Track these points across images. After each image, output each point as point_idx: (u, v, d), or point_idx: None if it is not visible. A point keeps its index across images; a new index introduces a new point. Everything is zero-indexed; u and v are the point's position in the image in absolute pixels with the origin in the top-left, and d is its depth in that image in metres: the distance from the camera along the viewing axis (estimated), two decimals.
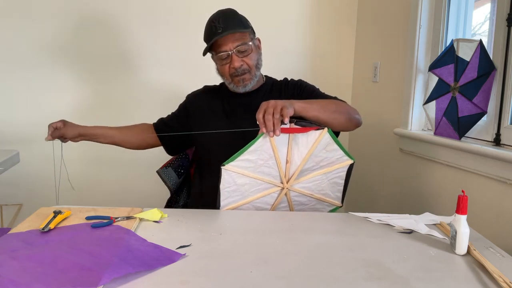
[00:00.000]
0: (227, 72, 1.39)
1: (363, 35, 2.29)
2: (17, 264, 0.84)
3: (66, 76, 2.18)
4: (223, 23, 1.34)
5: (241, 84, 1.40)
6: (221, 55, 1.37)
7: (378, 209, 2.05)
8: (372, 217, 1.23)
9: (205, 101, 1.52)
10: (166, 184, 1.52)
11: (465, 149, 1.45)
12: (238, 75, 1.38)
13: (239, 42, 1.36)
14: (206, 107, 1.51)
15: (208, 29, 1.39)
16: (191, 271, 0.87)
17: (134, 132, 1.57)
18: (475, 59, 1.48)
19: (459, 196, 0.98)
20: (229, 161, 1.20)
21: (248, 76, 1.40)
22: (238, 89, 1.42)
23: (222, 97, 1.50)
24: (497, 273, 0.87)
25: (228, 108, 1.47)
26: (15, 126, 2.16)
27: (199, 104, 1.53)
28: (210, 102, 1.51)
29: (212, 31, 1.36)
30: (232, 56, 1.36)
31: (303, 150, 1.22)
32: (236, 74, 1.38)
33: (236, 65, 1.36)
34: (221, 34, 1.33)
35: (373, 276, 0.87)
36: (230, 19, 1.37)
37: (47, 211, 1.18)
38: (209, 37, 1.38)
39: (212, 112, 1.49)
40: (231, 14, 1.40)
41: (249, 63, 1.39)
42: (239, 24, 1.38)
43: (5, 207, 2.17)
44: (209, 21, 1.39)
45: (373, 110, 2.15)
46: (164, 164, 1.56)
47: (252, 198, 1.26)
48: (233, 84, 1.41)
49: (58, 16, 2.13)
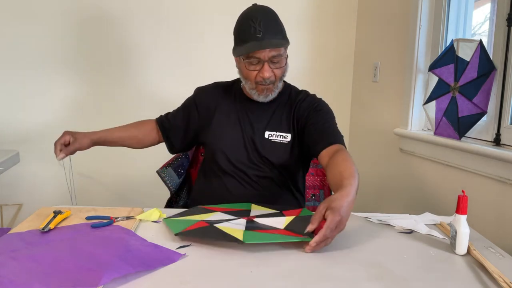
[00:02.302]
0: (253, 78, 1.31)
1: (363, 35, 2.29)
2: (17, 264, 0.84)
3: (67, 76, 2.18)
4: (263, 27, 1.25)
5: (264, 93, 1.34)
6: (252, 60, 1.29)
7: (378, 209, 2.05)
8: (372, 217, 1.23)
9: (216, 100, 1.45)
10: (166, 184, 1.51)
11: (465, 149, 1.45)
12: (264, 84, 1.31)
13: (275, 52, 1.27)
14: (217, 106, 1.44)
15: (245, 27, 1.28)
16: (191, 271, 0.87)
17: (142, 130, 1.51)
18: (475, 59, 1.48)
19: (459, 196, 0.98)
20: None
21: (272, 87, 1.34)
22: (259, 98, 1.35)
23: (235, 98, 1.44)
24: (497, 273, 0.87)
25: (241, 112, 1.41)
26: (15, 126, 2.16)
27: (210, 101, 1.45)
28: (222, 102, 1.44)
29: (250, 33, 1.26)
30: (264, 65, 1.28)
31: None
32: (262, 83, 1.31)
33: (266, 75, 1.29)
34: (260, 40, 1.25)
35: (373, 276, 0.87)
36: (272, 24, 1.28)
37: (47, 211, 1.18)
38: (245, 37, 1.28)
39: (223, 114, 1.43)
40: (272, 17, 1.31)
41: (278, 75, 1.32)
42: (279, 33, 1.30)
43: (5, 207, 2.17)
44: (247, 18, 1.29)
45: (373, 110, 2.15)
46: (164, 164, 1.56)
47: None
48: (255, 91, 1.34)
49: (58, 16, 2.13)
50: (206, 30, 2.23)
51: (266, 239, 0.97)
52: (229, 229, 1.03)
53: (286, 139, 1.39)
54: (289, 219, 1.12)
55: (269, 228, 1.06)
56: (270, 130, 1.39)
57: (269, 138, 1.38)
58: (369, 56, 2.21)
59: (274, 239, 0.98)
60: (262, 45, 1.25)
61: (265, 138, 1.38)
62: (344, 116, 2.40)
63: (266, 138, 1.38)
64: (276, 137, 1.38)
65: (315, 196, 1.64)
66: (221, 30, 2.20)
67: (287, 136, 1.39)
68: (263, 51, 1.26)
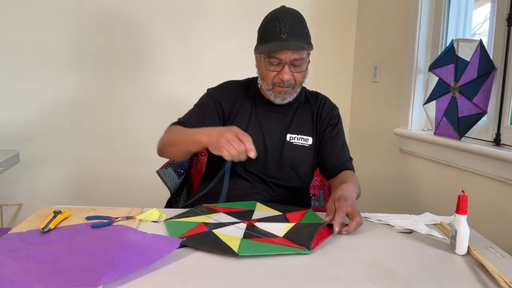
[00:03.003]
0: (271, 79, 1.29)
1: (363, 35, 2.29)
2: (17, 264, 0.84)
3: (67, 76, 2.18)
4: (289, 28, 1.24)
5: (281, 96, 1.31)
6: (273, 60, 1.27)
7: (378, 209, 2.05)
8: (372, 217, 1.23)
9: (235, 101, 1.39)
10: (166, 184, 1.51)
11: (465, 149, 1.45)
12: (281, 87, 1.29)
13: (297, 55, 1.25)
14: (238, 108, 1.39)
15: (271, 26, 1.26)
16: (191, 271, 0.87)
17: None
18: (475, 59, 1.48)
19: (459, 196, 0.98)
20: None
21: (291, 91, 1.31)
22: (275, 100, 1.33)
23: (254, 99, 1.40)
24: (497, 273, 0.87)
25: (261, 114, 1.38)
26: (15, 126, 2.16)
27: (228, 103, 1.39)
28: (241, 103, 1.39)
29: (274, 33, 1.24)
30: (284, 67, 1.26)
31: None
32: (280, 85, 1.29)
33: (286, 77, 1.26)
34: (284, 41, 1.23)
35: (373, 276, 0.87)
36: (298, 27, 1.27)
37: (47, 211, 1.18)
38: (269, 36, 1.26)
39: (244, 116, 1.38)
40: (299, 20, 1.29)
41: (298, 79, 1.29)
42: (304, 36, 1.28)
43: (5, 207, 2.17)
44: (274, 18, 1.27)
45: (373, 110, 2.15)
46: (164, 164, 1.56)
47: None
48: (272, 93, 1.31)
49: (59, 15, 2.13)
50: (206, 30, 2.23)
51: (261, 251, 0.96)
52: (226, 237, 1.02)
53: (307, 142, 1.38)
54: (289, 226, 1.11)
55: (267, 235, 1.05)
56: (292, 133, 1.38)
57: (291, 140, 1.37)
58: (369, 56, 2.21)
59: (270, 251, 0.97)
60: (285, 45, 1.23)
61: (286, 141, 1.37)
62: (344, 116, 2.37)
63: (288, 141, 1.37)
64: (298, 140, 1.38)
65: (315, 196, 1.64)
66: (225, 29, 2.21)
67: (308, 139, 1.38)
68: (285, 52, 1.24)
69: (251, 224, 1.12)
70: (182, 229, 1.07)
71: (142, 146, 2.25)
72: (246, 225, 1.11)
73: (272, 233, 1.07)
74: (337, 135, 1.42)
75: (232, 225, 1.11)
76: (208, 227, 1.09)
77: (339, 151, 1.41)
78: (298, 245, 0.99)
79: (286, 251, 0.97)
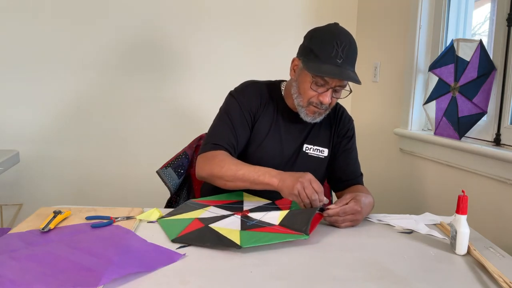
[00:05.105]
0: (309, 97, 1.25)
1: (363, 35, 2.29)
2: (17, 264, 0.84)
3: (67, 76, 2.18)
4: (345, 54, 1.21)
5: (313, 116, 1.29)
6: (319, 81, 1.23)
7: (378, 209, 2.05)
8: (372, 217, 1.24)
9: (258, 105, 1.35)
10: (166, 184, 1.51)
11: (465, 149, 1.45)
12: (318, 108, 1.26)
13: (343, 82, 1.24)
14: (259, 113, 1.35)
15: (328, 47, 1.21)
16: (191, 271, 0.87)
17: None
18: (475, 59, 1.48)
19: (459, 196, 0.98)
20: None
21: (323, 112, 1.29)
22: (306, 118, 1.29)
23: (275, 105, 1.37)
24: (497, 273, 0.87)
25: (279, 122, 1.36)
26: (15, 126, 2.16)
27: (252, 106, 1.35)
28: (263, 109, 1.36)
29: (331, 55, 1.20)
30: (328, 91, 1.24)
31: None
32: (317, 106, 1.26)
33: (327, 101, 1.24)
34: (339, 66, 1.20)
35: (373, 276, 0.87)
36: (353, 53, 1.25)
37: (47, 211, 1.18)
38: (324, 57, 1.21)
39: (264, 122, 1.35)
40: (354, 46, 1.27)
41: (333, 103, 1.29)
42: (354, 64, 1.26)
43: (5, 207, 2.17)
44: (332, 38, 1.22)
45: (373, 110, 2.15)
46: (164, 164, 1.56)
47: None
48: (304, 110, 1.28)
49: (58, 15, 2.13)
50: (211, 32, 2.23)
51: (263, 240, 0.97)
52: (225, 230, 1.03)
53: (323, 154, 1.38)
54: (283, 214, 1.12)
55: (264, 225, 1.07)
56: (309, 143, 1.37)
57: (306, 151, 1.36)
58: (369, 56, 2.21)
59: (271, 240, 0.98)
60: (341, 74, 1.20)
61: (302, 151, 1.36)
62: None
63: (303, 151, 1.36)
64: (314, 151, 1.37)
65: None
66: (229, 31, 2.21)
67: (324, 150, 1.38)
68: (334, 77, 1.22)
69: (245, 215, 1.13)
70: (178, 227, 1.07)
71: (142, 146, 2.25)
72: (240, 217, 1.12)
73: (267, 222, 1.09)
74: (352, 148, 1.42)
75: (226, 218, 1.11)
76: (204, 222, 1.09)
77: (352, 164, 1.41)
78: (296, 231, 1.01)
79: (287, 238, 0.99)
